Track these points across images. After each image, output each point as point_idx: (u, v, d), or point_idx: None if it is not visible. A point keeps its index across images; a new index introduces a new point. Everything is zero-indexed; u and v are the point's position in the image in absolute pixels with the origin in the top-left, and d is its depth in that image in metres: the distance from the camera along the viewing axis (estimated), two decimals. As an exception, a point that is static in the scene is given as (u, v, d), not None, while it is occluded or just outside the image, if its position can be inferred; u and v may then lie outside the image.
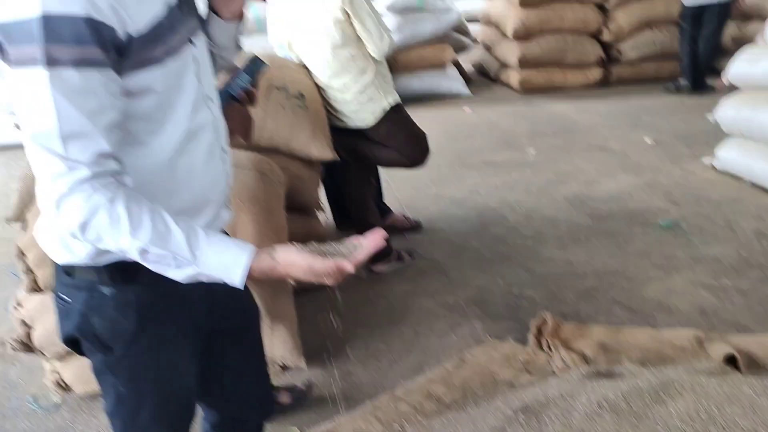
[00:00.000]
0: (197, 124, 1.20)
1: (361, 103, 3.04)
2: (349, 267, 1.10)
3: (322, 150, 2.87)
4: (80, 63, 0.98)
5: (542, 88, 6.73)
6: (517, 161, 4.80)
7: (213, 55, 1.35)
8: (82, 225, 1.03)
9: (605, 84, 6.83)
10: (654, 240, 3.49)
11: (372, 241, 1.13)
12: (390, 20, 6.14)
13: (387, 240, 3.35)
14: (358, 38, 2.94)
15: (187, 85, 1.17)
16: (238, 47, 1.41)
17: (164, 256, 1.06)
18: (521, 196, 4.14)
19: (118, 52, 1.03)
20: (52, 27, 0.95)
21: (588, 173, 4.45)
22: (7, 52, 0.99)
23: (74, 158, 1.00)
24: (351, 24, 2.91)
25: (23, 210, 2.51)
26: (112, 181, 1.04)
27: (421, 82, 6.54)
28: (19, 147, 4.26)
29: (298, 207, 2.92)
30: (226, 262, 1.07)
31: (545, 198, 4.09)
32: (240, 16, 1.35)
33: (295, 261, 1.09)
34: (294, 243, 1.12)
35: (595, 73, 6.80)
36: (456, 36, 7.22)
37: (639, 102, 6.20)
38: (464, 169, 4.67)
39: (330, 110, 3.09)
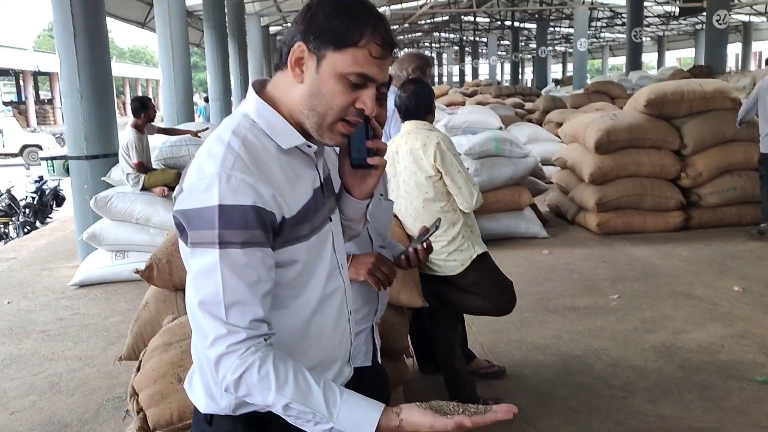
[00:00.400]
0: (330, 289, 1.35)
1: (450, 253, 3.17)
2: (467, 423, 1.16)
3: (411, 297, 2.97)
4: (246, 244, 1.16)
5: (621, 231, 6.75)
6: (599, 306, 4.77)
7: (344, 227, 1.51)
8: (235, 381, 1.16)
9: (686, 228, 6.81)
10: (751, 396, 3.35)
11: (503, 412, 1.18)
12: (467, 165, 6.41)
13: (472, 386, 3.36)
14: (449, 192, 3.13)
15: (325, 255, 1.34)
16: (367, 220, 1.55)
17: (304, 413, 1.16)
18: (606, 343, 4.09)
19: (275, 232, 1.21)
20: (226, 215, 1.15)
21: (675, 321, 4.38)
22: (186, 234, 1.19)
23: (234, 323, 1.16)
24: (442, 180, 3.11)
25: (136, 351, 2.69)
26: (263, 342, 1.18)
27: (498, 224, 6.68)
28: (119, 282, 4.58)
29: (386, 352, 2.98)
30: (359, 419, 1.16)
31: (632, 346, 4.02)
32: (370, 195, 1.46)
33: (418, 420, 1.17)
34: (418, 403, 1.20)
35: (676, 217, 6.80)
36: (531, 178, 7.44)
37: (723, 247, 6.13)
38: (546, 314, 4.67)
39: (419, 258, 3.23)
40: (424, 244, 1.96)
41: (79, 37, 6.00)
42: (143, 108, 6.19)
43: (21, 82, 41.03)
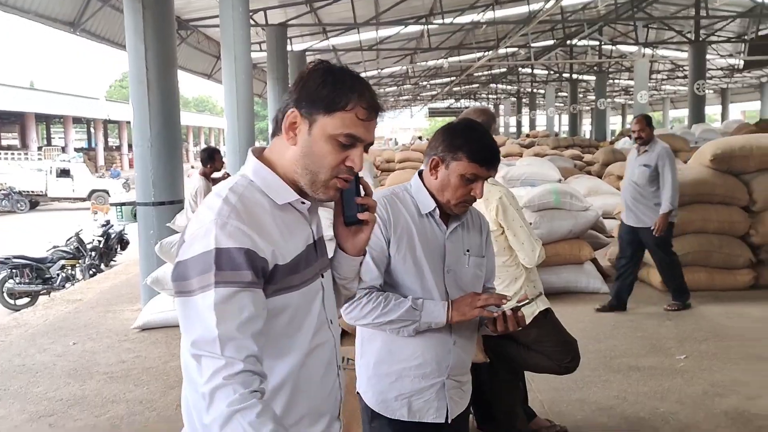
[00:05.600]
0: (318, 342, 1.43)
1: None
2: None
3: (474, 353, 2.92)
4: (239, 284, 1.24)
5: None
6: (665, 367, 4.59)
7: (338, 286, 1.60)
8: (228, 415, 1.18)
9: (756, 287, 6.54)
10: (835, 470, 3.15)
11: None
12: (527, 217, 6.34)
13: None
14: (511, 248, 3.10)
15: (314, 309, 1.42)
16: (360, 279, 1.65)
17: None
18: (674, 407, 3.92)
19: (267, 278, 1.30)
20: (222, 257, 1.24)
21: (748, 386, 4.17)
22: (184, 282, 1.26)
23: (230, 356, 1.21)
24: (504, 234, 3.09)
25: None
26: (257, 380, 1.23)
27: (557, 278, 6.55)
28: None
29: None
30: None
31: (702, 411, 3.84)
32: (363, 252, 1.56)
33: None
34: None
35: (745, 276, 6.54)
36: (592, 232, 7.30)
37: (797, 308, 5.85)
38: (609, 373, 4.52)
39: (481, 313, 3.19)
40: (518, 313, 1.95)
41: (152, 89, 6.27)
42: (210, 159, 6.52)
43: (92, 130, 43.01)
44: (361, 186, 1.48)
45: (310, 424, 1.42)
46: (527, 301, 1.98)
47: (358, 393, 2.14)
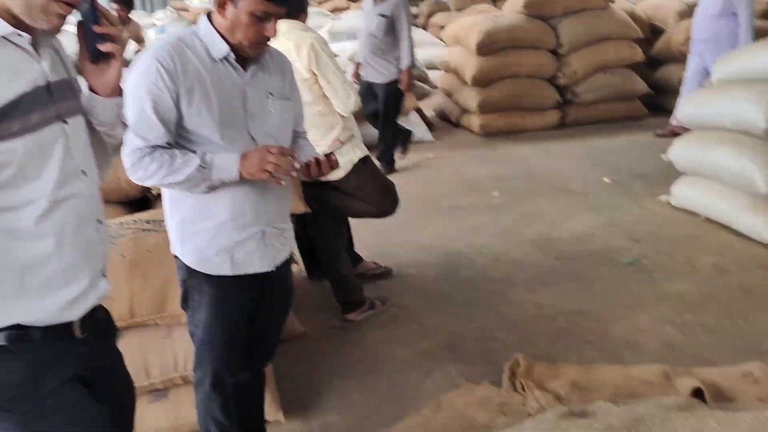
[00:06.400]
0: (64, 194, 1.30)
1: (330, 157, 3.11)
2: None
3: (293, 203, 2.92)
4: None
5: (503, 131, 6.90)
6: (482, 205, 4.91)
7: (101, 134, 1.46)
8: None
9: (563, 126, 7.06)
10: (619, 279, 3.60)
11: None
12: (350, 70, 6.28)
13: (359, 288, 3.41)
14: (326, 96, 3.04)
15: (54, 157, 1.28)
16: (124, 124, 1.51)
17: None
18: (488, 239, 4.24)
19: None
20: None
21: (551, 214, 4.59)
22: None
23: None
24: (318, 83, 3.01)
25: None
26: None
27: (383, 129, 6.65)
28: None
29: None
30: None
31: (512, 240, 4.19)
32: (118, 92, 1.42)
33: None
34: None
35: (553, 116, 7.02)
36: (416, 83, 7.41)
37: (596, 143, 6.42)
38: (431, 215, 4.76)
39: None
40: (331, 157, 1.90)
41: None
42: None
43: None
44: (99, 13, 1.31)
45: (67, 281, 1.33)
46: (340, 146, 1.93)
47: (175, 256, 2.04)
